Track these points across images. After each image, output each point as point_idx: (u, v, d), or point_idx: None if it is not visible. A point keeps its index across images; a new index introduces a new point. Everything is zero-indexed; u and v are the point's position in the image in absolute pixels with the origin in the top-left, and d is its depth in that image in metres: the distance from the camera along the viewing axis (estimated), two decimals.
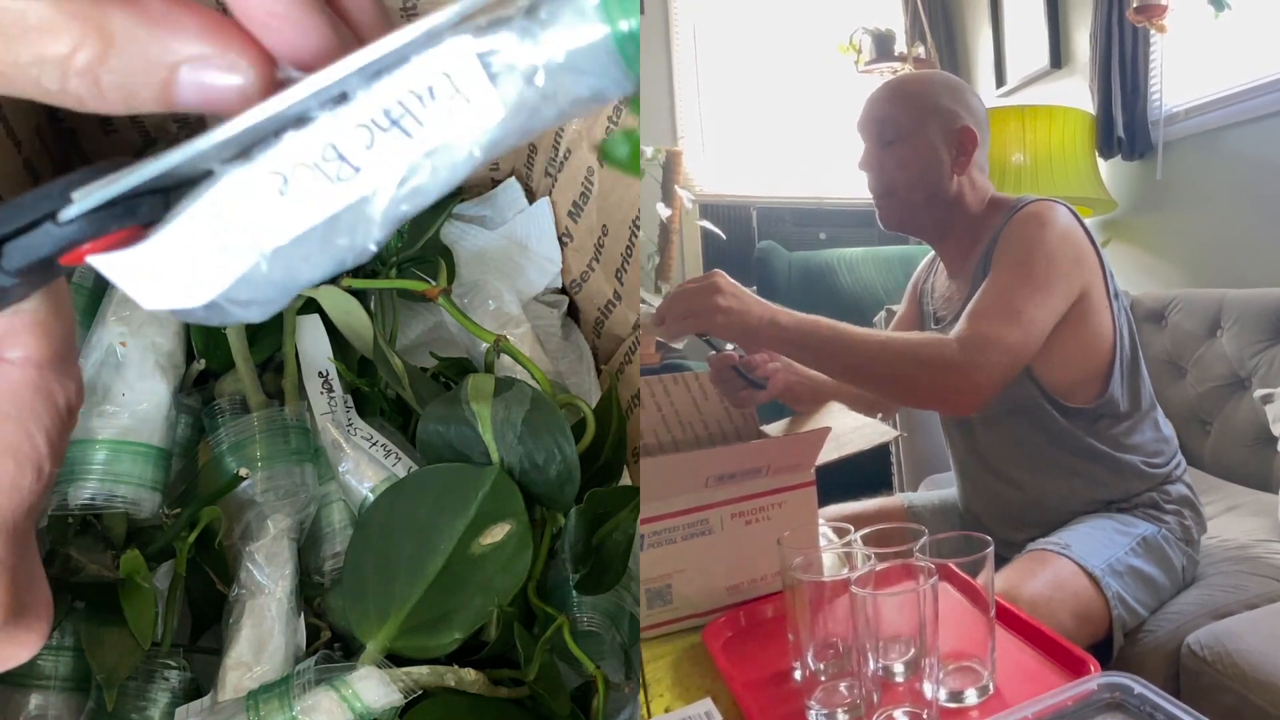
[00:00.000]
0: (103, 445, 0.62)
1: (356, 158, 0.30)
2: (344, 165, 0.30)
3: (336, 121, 0.30)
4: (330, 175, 0.30)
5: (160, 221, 0.31)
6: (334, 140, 0.30)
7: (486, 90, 0.29)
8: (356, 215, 0.31)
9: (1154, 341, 1.58)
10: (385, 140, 0.30)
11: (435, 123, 0.30)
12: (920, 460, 1.57)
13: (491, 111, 0.30)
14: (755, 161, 2.49)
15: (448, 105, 0.30)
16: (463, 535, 0.59)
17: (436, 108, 0.30)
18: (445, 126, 0.30)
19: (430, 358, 0.76)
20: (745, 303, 0.80)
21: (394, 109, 0.30)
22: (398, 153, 0.30)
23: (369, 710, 0.53)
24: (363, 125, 0.30)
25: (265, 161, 0.30)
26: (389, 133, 0.30)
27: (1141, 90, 1.91)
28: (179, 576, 0.61)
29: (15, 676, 0.59)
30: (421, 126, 0.30)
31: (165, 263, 0.31)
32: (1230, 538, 1.14)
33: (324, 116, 0.30)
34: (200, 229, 0.31)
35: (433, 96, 0.30)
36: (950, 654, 0.54)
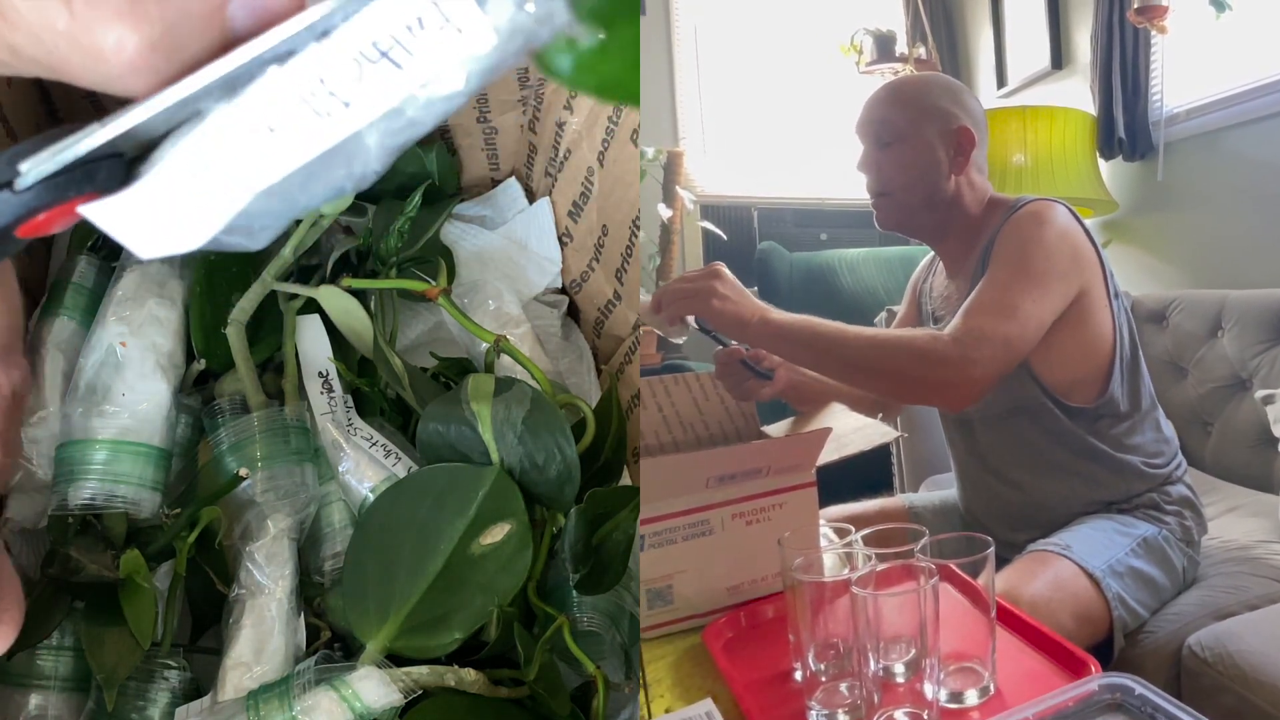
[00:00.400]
0: (103, 445, 0.62)
1: (346, 91, 0.29)
2: (333, 100, 0.29)
3: (323, 54, 0.29)
4: (320, 111, 0.29)
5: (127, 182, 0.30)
6: (322, 74, 0.29)
7: (477, 17, 0.29)
8: (353, 147, 0.30)
9: (1155, 342, 1.58)
10: (374, 72, 0.29)
11: (425, 53, 0.29)
12: (921, 461, 1.57)
13: (484, 39, 0.29)
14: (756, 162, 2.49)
15: (438, 35, 0.29)
16: (463, 535, 0.59)
17: (426, 37, 0.29)
18: (436, 56, 0.29)
19: (430, 358, 0.76)
20: (742, 295, 0.80)
21: (382, 40, 0.29)
22: (388, 85, 0.29)
23: (369, 710, 0.53)
24: (351, 58, 0.29)
25: (251, 98, 0.29)
26: (378, 65, 0.29)
27: (1142, 91, 1.91)
28: (179, 576, 0.61)
29: (15, 676, 0.59)
30: (411, 57, 0.29)
31: (155, 209, 0.30)
32: (1231, 538, 1.14)
33: (310, 48, 0.29)
34: (187, 172, 0.30)
35: (422, 26, 0.29)
36: (951, 655, 0.54)
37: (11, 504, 0.63)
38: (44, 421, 0.64)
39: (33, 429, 0.64)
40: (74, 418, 0.62)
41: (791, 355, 0.88)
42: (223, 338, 0.67)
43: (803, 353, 0.84)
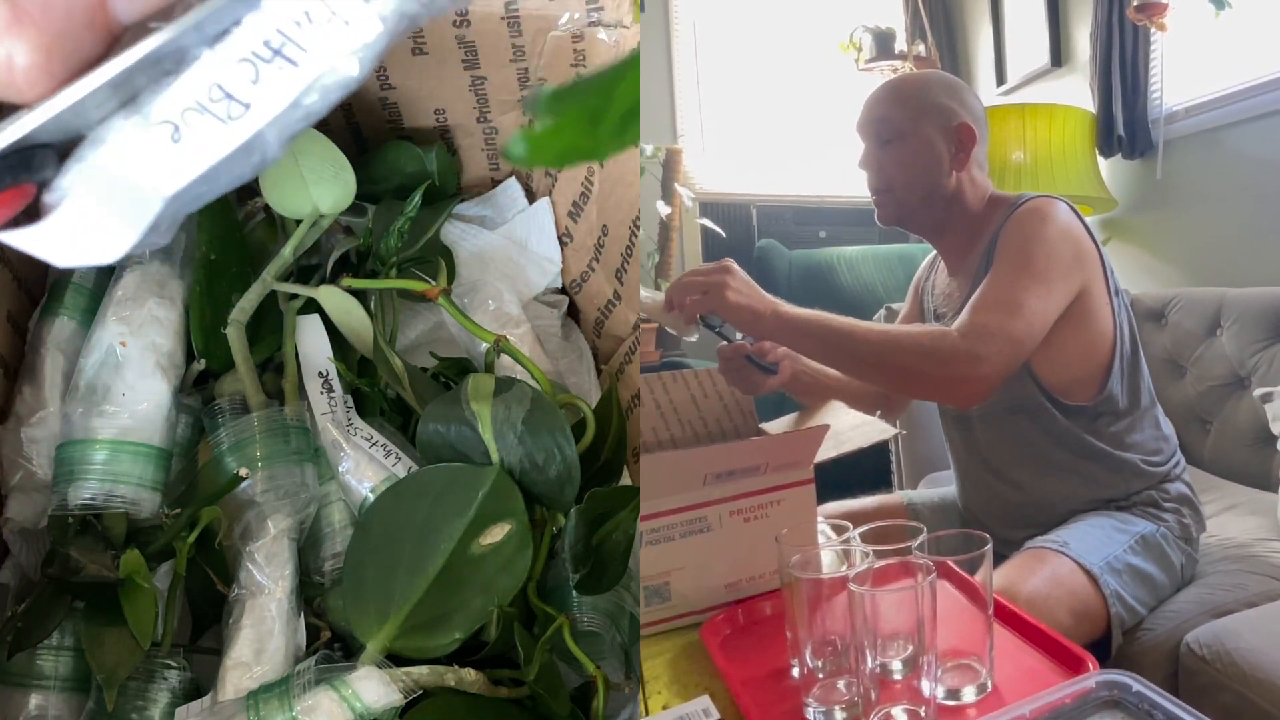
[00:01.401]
0: (103, 445, 0.62)
1: (244, 94, 0.30)
2: (233, 103, 0.30)
3: (217, 59, 0.30)
4: (220, 115, 0.30)
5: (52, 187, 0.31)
6: (218, 80, 0.30)
7: (361, 8, 0.30)
8: (254, 142, 0.31)
9: (1154, 340, 1.58)
10: (270, 71, 0.30)
11: (317, 47, 0.30)
12: (919, 458, 1.57)
13: (370, 27, 0.30)
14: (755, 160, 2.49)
15: (326, 28, 0.30)
16: (463, 535, 0.59)
17: (315, 31, 0.30)
18: (328, 49, 0.30)
19: (430, 358, 0.76)
20: (754, 290, 0.81)
21: (273, 38, 0.30)
22: (285, 82, 0.30)
23: (369, 710, 0.53)
24: (244, 60, 0.30)
25: (153, 112, 0.30)
26: (272, 63, 0.30)
27: (1142, 89, 1.91)
28: (179, 576, 0.61)
29: (15, 676, 0.59)
30: (305, 53, 0.30)
31: (73, 231, 0.31)
32: (1230, 536, 1.14)
33: (205, 54, 0.30)
34: (100, 195, 0.31)
35: (310, 20, 0.30)
36: (948, 652, 0.55)
37: (11, 504, 0.64)
38: (44, 421, 0.65)
39: (33, 429, 0.64)
40: (74, 418, 0.63)
41: (803, 348, 0.88)
42: (223, 338, 0.67)
43: (814, 346, 0.84)
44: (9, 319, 0.69)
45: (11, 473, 0.64)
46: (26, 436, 0.64)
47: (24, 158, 0.30)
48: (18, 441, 0.64)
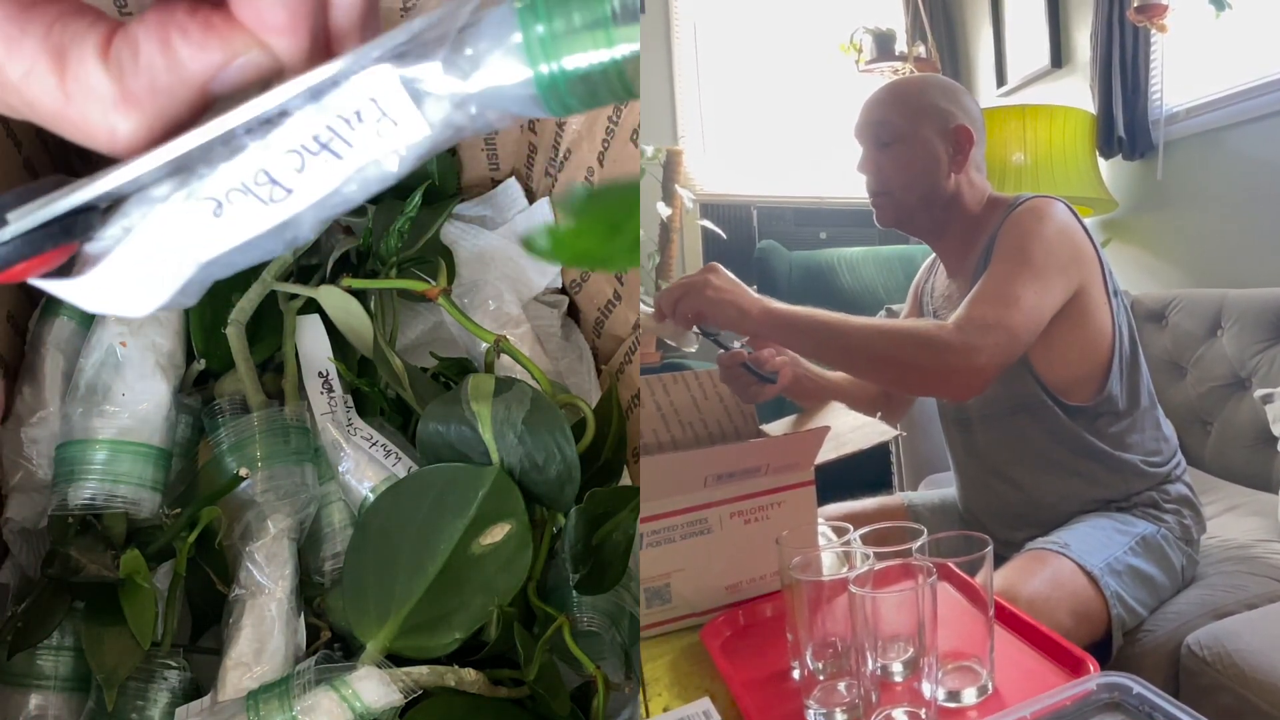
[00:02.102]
0: (103, 445, 0.62)
1: (288, 180, 0.32)
2: (276, 188, 0.32)
3: (267, 149, 0.32)
4: (263, 198, 0.32)
5: (94, 238, 0.33)
6: (265, 166, 0.32)
7: (411, 112, 0.32)
8: (291, 222, 0.33)
9: (1154, 341, 1.58)
10: (315, 163, 0.32)
11: (363, 144, 0.32)
12: (920, 460, 1.57)
13: (418, 131, 0.32)
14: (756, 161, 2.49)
15: (375, 127, 0.32)
16: (463, 535, 0.59)
17: (364, 130, 0.32)
18: (373, 146, 0.32)
19: (430, 358, 0.76)
20: (738, 289, 0.81)
21: (323, 134, 0.32)
22: (328, 173, 0.32)
23: (369, 710, 0.53)
24: (293, 150, 0.32)
25: (200, 188, 0.32)
26: (319, 156, 0.32)
27: (1142, 90, 1.91)
28: (179, 576, 0.61)
29: (15, 676, 0.59)
30: (350, 148, 0.32)
31: (109, 287, 0.33)
32: (1230, 538, 1.14)
33: (254, 145, 0.32)
34: (139, 257, 0.33)
35: (360, 120, 0.32)
36: (949, 653, 0.54)
37: (11, 504, 0.63)
38: (44, 421, 0.65)
39: (33, 429, 0.64)
40: (74, 418, 0.63)
41: (794, 344, 0.88)
42: (223, 338, 0.67)
43: (806, 341, 0.84)
44: (9, 319, 0.69)
45: (12, 473, 0.64)
46: (26, 436, 0.64)
47: (66, 226, 0.32)
48: (18, 441, 0.64)
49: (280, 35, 0.31)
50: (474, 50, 0.31)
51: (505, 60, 0.31)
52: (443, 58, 0.31)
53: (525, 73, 0.31)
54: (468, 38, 0.31)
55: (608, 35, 0.30)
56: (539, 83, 0.31)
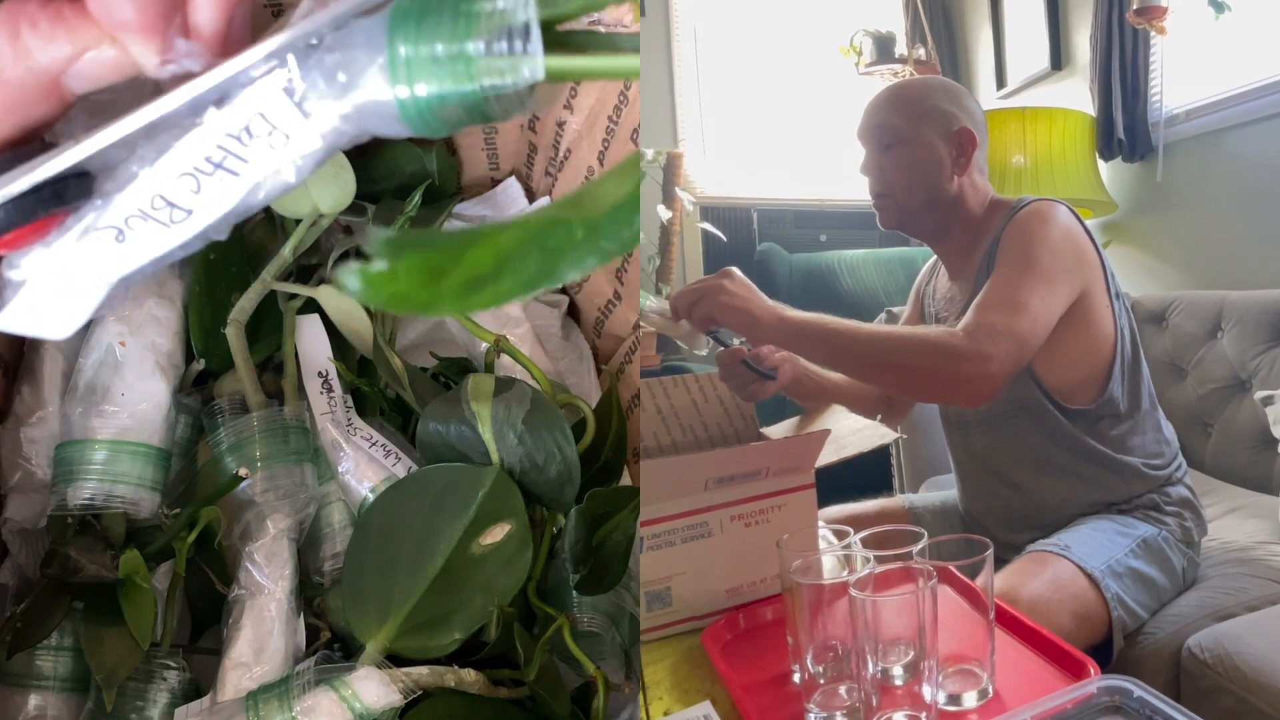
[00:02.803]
0: (102, 445, 0.62)
1: (186, 202, 0.33)
2: (175, 210, 0.33)
3: (157, 175, 0.32)
4: (163, 221, 0.33)
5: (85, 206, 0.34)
6: (160, 192, 0.33)
7: (300, 123, 0.32)
8: (199, 236, 0.34)
9: (1155, 343, 1.58)
10: (212, 183, 0.33)
11: (258, 159, 0.33)
12: (920, 462, 1.57)
13: (309, 142, 0.33)
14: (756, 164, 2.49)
15: (267, 141, 0.32)
16: (463, 535, 0.59)
17: (257, 145, 0.32)
18: (268, 160, 0.33)
19: (430, 358, 0.76)
20: (753, 295, 0.81)
21: (214, 154, 0.32)
22: (226, 191, 0.33)
23: (369, 711, 0.53)
24: (186, 174, 0.33)
25: (99, 219, 0.33)
26: (214, 175, 0.33)
27: (1142, 92, 1.91)
28: (178, 577, 0.61)
29: (14, 677, 0.59)
30: (246, 164, 0.33)
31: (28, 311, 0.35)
32: (1231, 540, 1.14)
33: (144, 172, 0.32)
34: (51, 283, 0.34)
35: (251, 135, 0.32)
36: (949, 657, 0.54)
37: (11, 504, 0.63)
38: (43, 421, 0.64)
39: (32, 429, 0.64)
40: (73, 418, 0.62)
41: (807, 352, 0.88)
42: (222, 337, 0.67)
43: (819, 350, 0.84)
44: None
45: (11, 473, 0.64)
46: (26, 437, 0.64)
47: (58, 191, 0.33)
48: (17, 442, 0.64)
49: (131, 32, 0.32)
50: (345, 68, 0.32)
51: (373, 79, 0.31)
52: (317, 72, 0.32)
53: (390, 93, 0.31)
54: (340, 53, 0.32)
55: (468, 68, 0.30)
56: (401, 105, 0.31)
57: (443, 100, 0.31)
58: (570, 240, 0.30)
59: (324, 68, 0.32)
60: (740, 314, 0.80)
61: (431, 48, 0.30)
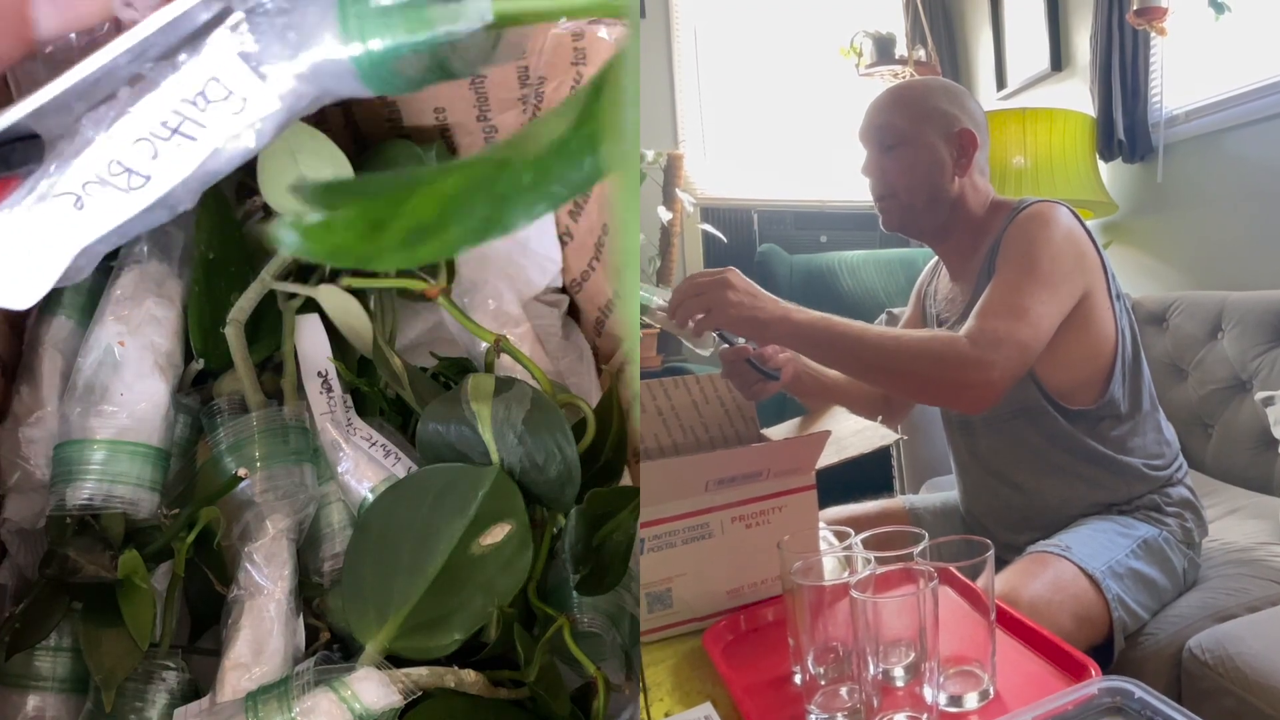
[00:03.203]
0: (100, 445, 0.61)
1: (144, 168, 0.32)
2: (133, 176, 0.32)
3: (113, 140, 0.32)
4: (121, 187, 0.32)
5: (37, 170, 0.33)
6: (116, 157, 0.32)
7: (256, 86, 0.31)
8: (163, 200, 0.33)
9: (1155, 344, 1.58)
10: (169, 148, 0.32)
11: (217, 123, 0.32)
12: (921, 463, 1.57)
13: (267, 105, 0.32)
14: (756, 165, 2.49)
15: (224, 105, 0.32)
16: (463, 535, 0.59)
17: (215, 109, 0.32)
18: (227, 124, 0.32)
19: (430, 358, 0.75)
20: (758, 299, 0.81)
21: (170, 119, 0.32)
22: (184, 156, 0.32)
23: (368, 711, 0.53)
24: (142, 139, 0.32)
25: (53, 186, 0.32)
26: (171, 140, 0.32)
27: (1142, 93, 1.91)
28: (177, 577, 0.60)
29: (13, 677, 0.59)
30: (204, 129, 0.32)
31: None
32: (1232, 540, 1.14)
33: (100, 137, 0.32)
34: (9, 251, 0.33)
35: (207, 100, 0.31)
36: (950, 658, 0.54)
37: (9, 504, 0.63)
38: (42, 421, 0.64)
39: (30, 429, 0.64)
40: (72, 417, 0.62)
41: (812, 354, 0.89)
42: (221, 337, 0.67)
43: (823, 352, 0.85)
44: (6, 318, 0.68)
45: (9, 473, 0.64)
46: (24, 436, 0.64)
47: (10, 149, 0.32)
48: (15, 442, 0.64)
49: None
50: (297, 28, 0.31)
51: (325, 36, 0.30)
52: (269, 33, 0.31)
53: (343, 50, 0.30)
54: (291, 14, 0.31)
55: (420, 15, 0.29)
56: (355, 61, 0.30)
57: (397, 53, 0.30)
58: (517, 185, 0.28)
59: (276, 28, 0.31)
60: (748, 323, 0.81)
61: None
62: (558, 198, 0.28)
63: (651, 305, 0.84)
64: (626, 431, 0.69)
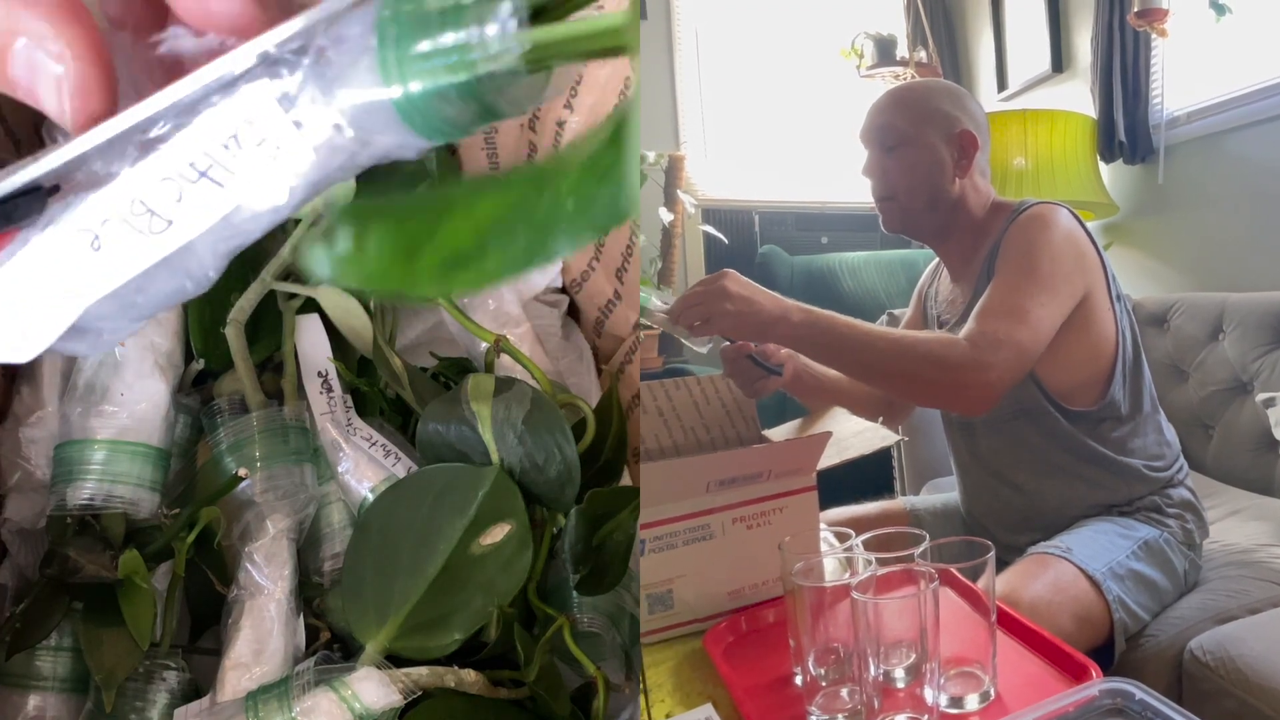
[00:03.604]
0: (101, 445, 0.61)
1: (166, 211, 0.30)
2: (154, 219, 0.30)
3: (139, 176, 0.30)
4: (141, 229, 0.30)
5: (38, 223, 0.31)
6: (140, 196, 0.30)
7: (292, 135, 0.30)
8: (184, 256, 0.31)
9: (1156, 345, 1.58)
10: (195, 192, 0.30)
11: (246, 170, 0.30)
12: (922, 464, 1.57)
13: (302, 156, 0.30)
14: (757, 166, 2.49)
15: (256, 152, 0.30)
16: (463, 535, 0.59)
17: (244, 155, 0.30)
18: (257, 173, 0.30)
19: (430, 358, 0.75)
20: (755, 303, 0.81)
21: (199, 160, 0.30)
22: (210, 202, 0.30)
23: (368, 711, 0.53)
24: (168, 179, 0.30)
25: (71, 220, 0.30)
26: (198, 184, 0.30)
27: (1143, 94, 1.91)
28: (178, 577, 0.60)
29: (13, 677, 0.59)
30: (233, 175, 0.30)
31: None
32: (1232, 542, 1.14)
33: (125, 172, 0.30)
34: (15, 296, 0.31)
35: (239, 144, 0.30)
36: (951, 659, 0.54)
37: (10, 504, 0.63)
38: (42, 421, 0.64)
39: (31, 429, 0.64)
40: (72, 418, 0.62)
41: (811, 355, 0.89)
42: (221, 337, 0.67)
43: (822, 352, 0.85)
44: None
45: (10, 473, 0.64)
46: (25, 437, 0.64)
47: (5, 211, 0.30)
48: (16, 442, 0.64)
49: None
50: (336, 65, 0.29)
51: (366, 78, 0.29)
52: (310, 73, 0.29)
53: (382, 93, 0.29)
54: (330, 51, 0.29)
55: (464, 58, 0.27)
56: (397, 105, 0.29)
57: (441, 95, 0.28)
58: (560, 212, 0.26)
59: (315, 70, 0.29)
60: (748, 327, 0.81)
61: (428, 34, 0.28)
62: (600, 228, 0.26)
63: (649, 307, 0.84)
64: (626, 431, 0.69)
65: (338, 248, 0.26)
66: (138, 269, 0.31)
